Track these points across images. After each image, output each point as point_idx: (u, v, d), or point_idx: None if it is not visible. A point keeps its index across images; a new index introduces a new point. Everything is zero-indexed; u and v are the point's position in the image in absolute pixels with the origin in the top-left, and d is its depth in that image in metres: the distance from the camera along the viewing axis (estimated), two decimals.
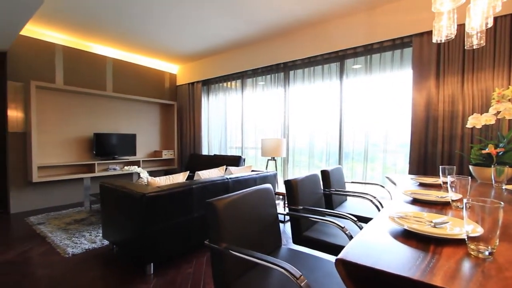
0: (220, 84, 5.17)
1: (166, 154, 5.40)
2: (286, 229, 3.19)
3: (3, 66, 3.74)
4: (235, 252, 1.03)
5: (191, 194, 2.25)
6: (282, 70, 4.23)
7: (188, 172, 2.65)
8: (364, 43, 3.28)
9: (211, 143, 5.38)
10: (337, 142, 3.68)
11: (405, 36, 2.98)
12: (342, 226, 1.42)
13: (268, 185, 1.49)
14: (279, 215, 1.56)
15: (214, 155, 4.87)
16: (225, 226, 1.09)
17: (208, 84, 5.36)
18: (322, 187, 2.19)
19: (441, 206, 1.16)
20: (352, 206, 2.39)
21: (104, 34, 4.05)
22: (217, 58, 5.03)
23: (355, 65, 3.52)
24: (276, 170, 3.73)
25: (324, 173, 2.29)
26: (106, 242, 2.67)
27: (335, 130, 3.70)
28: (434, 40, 1.58)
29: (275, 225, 1.48)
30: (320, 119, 3.85)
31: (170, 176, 2.37)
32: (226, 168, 3.07)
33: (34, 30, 3.85)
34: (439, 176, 1.52)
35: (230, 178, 2.66)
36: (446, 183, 1.17)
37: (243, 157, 4.46)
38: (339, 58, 3.62)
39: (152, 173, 5.14)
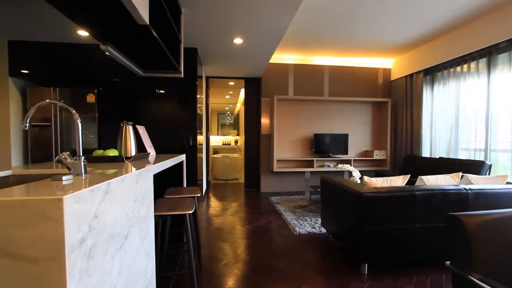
0: (450, 70, 4.13)
1: (378, 155, 5.16)
2: None
3: (259, 87, 5.31)
4: None
5: (413, 201, 1.98)
6: None
7: (409, 176, 2.34)
8: None
9: (434, 143, 4.45)
10: None
11: None
12: None
13: None
14: None
15: (439, 158, 3.99)
16: (479, 251, 0.83)
17: (432, 72, 4.46)
18: None
19: None
20: None
21: (323, 46, 4.56)
22: (445, 38, 4.06)
23: None
24: None
25: None
26: (323, 230, 3.00)
27: None
28: None
29: None
30: None
31: (387, 178, 2.23)
32: (462, 176, 2.40)
33: (276, 57, 5.10)
34: None
35: (470, 189, 2.04)
36: None
37: (487, 162, 3.29)
38: None
39: (362, 173, 5.12)
